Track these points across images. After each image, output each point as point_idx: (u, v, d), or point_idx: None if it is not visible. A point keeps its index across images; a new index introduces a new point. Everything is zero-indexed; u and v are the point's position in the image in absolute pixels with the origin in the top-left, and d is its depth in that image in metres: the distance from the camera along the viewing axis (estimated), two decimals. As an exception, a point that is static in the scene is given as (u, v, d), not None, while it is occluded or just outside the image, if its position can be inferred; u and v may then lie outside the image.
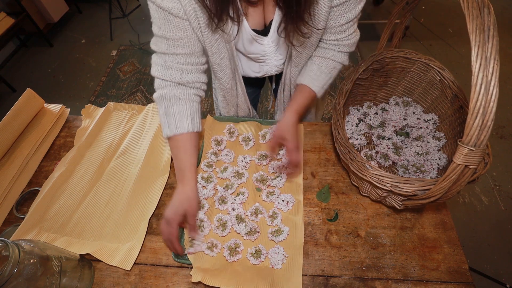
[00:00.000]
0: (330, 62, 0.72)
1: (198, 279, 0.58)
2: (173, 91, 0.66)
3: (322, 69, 0.73)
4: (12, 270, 0.44)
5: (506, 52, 2.29)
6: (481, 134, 0.40)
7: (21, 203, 0.76)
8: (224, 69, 0.73)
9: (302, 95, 0.74)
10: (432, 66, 0.73)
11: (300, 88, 0.74)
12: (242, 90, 0.83)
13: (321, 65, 0.73)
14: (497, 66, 0.37)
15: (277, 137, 0.69)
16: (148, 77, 2.37)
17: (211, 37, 0.63)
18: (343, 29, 0.66)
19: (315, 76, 0.73)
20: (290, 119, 0.69)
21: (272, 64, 0.78)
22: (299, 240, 0.64)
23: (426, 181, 0.54)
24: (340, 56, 0.72)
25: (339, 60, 0.73)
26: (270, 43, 0.70)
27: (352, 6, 0.61)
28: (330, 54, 0.72)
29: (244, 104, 0.88)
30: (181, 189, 0.64)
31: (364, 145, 0.80)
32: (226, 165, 0.76)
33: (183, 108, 0.66)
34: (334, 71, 0.74)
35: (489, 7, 0.39)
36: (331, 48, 0.71)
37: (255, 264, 0.62)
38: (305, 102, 0.73)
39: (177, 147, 0.66)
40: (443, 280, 0.60)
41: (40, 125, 0.90)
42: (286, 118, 0.70)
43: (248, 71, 0.82)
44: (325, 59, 0.73)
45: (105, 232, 0.69)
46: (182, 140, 0.66)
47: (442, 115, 0.77)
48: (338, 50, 0.71)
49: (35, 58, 2.66)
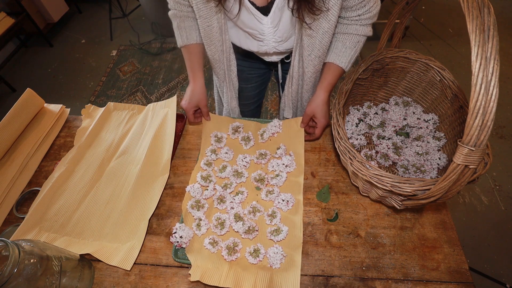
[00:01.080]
0: (354, 37, 0.73)
1: (197, 278, 0.58)
2: (183, 12, 0.77)
3: (347, 45, 0.74)
4: (12, 270, 0.44)
5: (506, 52, 2.29)
6: (481, 134, 0.40)
7: (21, 203, 0.76)
8: (211, 38, 0.76)
9: (331, 72, 0.76)
10: (432, 66, 0.73)
11: (328, 66, 0.77)
12: (234, 67, 0.84)
13: (345, 41, 0.73)
14: (497, 66, 0.37)
15: (309, 114, 0.77)
16: (148, 77, 2.37)
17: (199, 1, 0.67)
18: (363, 4, 0.67)
19: (340, 53, 0.74)
20: (321, 97, 0.76)
21: (271, 45, 0.77)
22: (298, 240, 0.64)
23: (426, 181, 0.54)
24: (362, 29, 0.72)
25: (362, 33, 0.73)
26: (269, 23, 0.69)
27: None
28: (352, 29, 0.72)
29: (236, 81, 0.88)
30: (193, 85, 0.82)
31: (364, 145, 0.80)
32: (225, 163, 0.77)
33: (193, 23, 0.79)
34: (358, 44, 0.74)
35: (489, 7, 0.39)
36: (353, 23, 0.71)
37: (254, 263, 0.62)
38: (334, 80, 0.77)
39: (189, 53, 0.82)
40: (443, 280, 0.60)
41: (40, 125, 0.90)
42: (317, 96, 0.76)
43: (246, 46, 0.82)
44: (348, 34, 0.73)
45: (105, 232, 0.69)
46: (193, 47, 0.81)
47: (442, 115, 0.77)
48: (360, 24, 0.71)
49: (35, 58, 2.66)
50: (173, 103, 0.87)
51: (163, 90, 2.27)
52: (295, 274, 0.59)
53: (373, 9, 0.69)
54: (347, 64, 0.75)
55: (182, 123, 0.88)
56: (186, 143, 0.85)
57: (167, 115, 0.86)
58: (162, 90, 2.27)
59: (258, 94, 1.12)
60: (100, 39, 2.78)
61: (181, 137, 0.86)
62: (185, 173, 0.78)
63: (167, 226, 0.69)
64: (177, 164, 0.80)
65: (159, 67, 2.44)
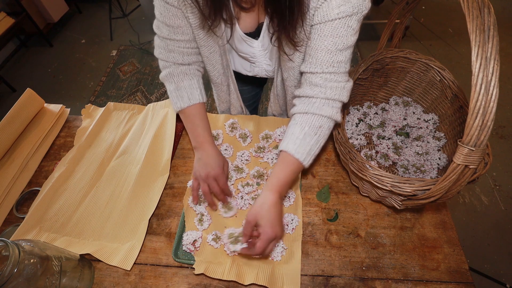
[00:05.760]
0: (316, 119, 0.59)
1: (201, 271, 0.59)
2: (179, 69, 0.71)
3: (304, 130, 0.59)
4: (12, 270, 0.44)
5: (506, 52, 2.29)
6: (481, 134, 0.40)
7: (21, 203, 0.76)
8: (214, 64, 0.74)
9: (283, 167, 0.60)
10: (432, 66, 0.73)
11: (282, 157, 0.60)
12: (235, 87, 0.83)
13: (303, 124, 0.59)
14: (497, 66, 0.37)
15: (250, 221, 0.57)
16: (148, 77, 2.37)
17: (201, 32, 0.65)
18: (330, 61, 0.56)
19: (297, 141, 0.58)
20: (268, 199, 0.57)
21: (262, 67, 0.77)
22: (298, 233, 0.65)
23: (426, 181, 0.54)
24: (327, 109, 0.58)
25: (326, 114, 0.58)
26: (260, 46, 0.69)
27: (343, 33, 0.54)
28: (314, 108, 0.59)
29: (236, 102, 0.87)
30: (212, 149, 0.70)
31: (364, 145, 0.80)
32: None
33: (192, 82, 0.72)
34: (321, 130, 0.59)
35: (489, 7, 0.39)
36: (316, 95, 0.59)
37: (256, 257, 0.63)
38: (288, 176, 0.59)
39: (193, 115, 0.72)
40: (443, 280, 0.59)
41: (40, 125, 0.90)
42: (261, 198, 0.58)
43: (240, 68, 0.82)
44: (308, 114, 0.59)
45: (105, 232, 0.69)
46: (197, 109, 0.72)
47: (442, 115, 0.77)
48: (323, 97, 0.58)
49: (35, 58, 2.66)
50: (173, 103, 0.87)
51: (163, 90, 2.27)
52: (296, 266, 0.61)
53: (341, 80, 0.58)
54: (306, 156, 0.58)
55: (182, 123, 0.88)
56: (186, 143, 0.85)
57: (167, 115, 0.86)
58: (162, 90, 2.27)
59: (254, 96, 1.13)
60: (100, 39, 2.78)
61: (181, 137, 0.86)
62: (185, 173, 0.78)
63: (167, 226, 0.69)
64: (177, 164, 0.80)
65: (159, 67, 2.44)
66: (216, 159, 0.69)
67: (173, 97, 0.72)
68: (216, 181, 0.67)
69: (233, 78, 0.81)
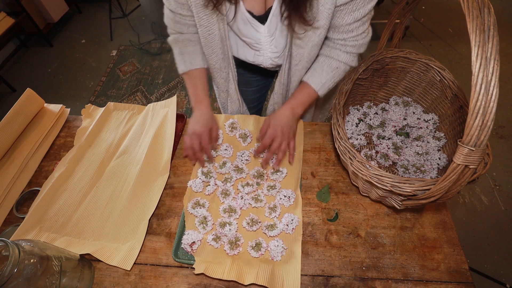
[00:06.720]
0: (333, 62, 0.71)
1: (201, 271, 0.59)
2: (184, 35, 0.76)
3: (324, 67, 0.72)
4: (12, 270, 0.44)
5: (506, 52, 2.29)
6: (481, 134, 0.40)
7: (21, 203, 0.76)
8: (213, 47, 0.74)
9: (300, 90, 0.74)
10: (432, 66, 0.73)
11: (301, 85, 0.75)
12: (233, 75, 0.83)
13: (323, 63, 0.72)
14: (497, 66, 0.37)
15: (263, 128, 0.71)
16: (148, 77, 2.37)
17: (201, 11, 0.66)
18: (350, 29, 0.64)
19: (315, 73, 0.72)
20: (280, 111, 0.71)
21: (267, 56, 0.77)
22: (298, 232, 0.65)
23: (426, 181, 0.54)
24: (345, 56, 0.70)
25: (344, 60, 0.71)
26: (266, 32, 0.69)
27: (361, 5, 0.60)
28: (334, 54, 0.70)
29: (234, 93, 0.87)
30: (204, 109, 0.77)
31: (364, 145, 0.80)
32: (225, 159, 0.77)
33: (195, 48, 0.78)
34: (337, 71, 0.72)
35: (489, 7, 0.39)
36: (337, 47, 0.70)
37: (256, 257, 0.63)
38: (303, 99, 0.73)
39: (194, 78, 0.78)
40: (443, 280, 0.59)
41: (40, 125, 0.90)
42: (279, 111, 0.71)
43: (243, 55, 0.82)
44: (328, 58, 0.72)
45: (105, 232, 0.69)
46: (198, 72, 0.78)
47: (442, 115, 0.77)
48: (344, 51, 0.69)
49: (35, 58, 2.66)
50: (173, 103, 0.87)
51: (163, 90, 2.27)
52: (296, 266, 0.61)
53: (360, 38, 0.66)
54: (320, 86, 0.72)
55: (182, 123, 0.88)
56: (186, 143, 0.85)
57: (167, 115, 0.86)
58: (162, 90, 2.27)
59: (259, 99, 1.12)
60: (100, 39, 2.78)
61: (181, 137, 0.86)
62: (185, 173, 0.78)
63: (167, 226, 0.69)
64: (177, 164, 0.80)
65: (159, 67, 2.44)
66: (204, 119, 0.76)
67: (178, 60, 0.78)
68: (200, 139, 0.74)
69: (233, 66, 0.81)
